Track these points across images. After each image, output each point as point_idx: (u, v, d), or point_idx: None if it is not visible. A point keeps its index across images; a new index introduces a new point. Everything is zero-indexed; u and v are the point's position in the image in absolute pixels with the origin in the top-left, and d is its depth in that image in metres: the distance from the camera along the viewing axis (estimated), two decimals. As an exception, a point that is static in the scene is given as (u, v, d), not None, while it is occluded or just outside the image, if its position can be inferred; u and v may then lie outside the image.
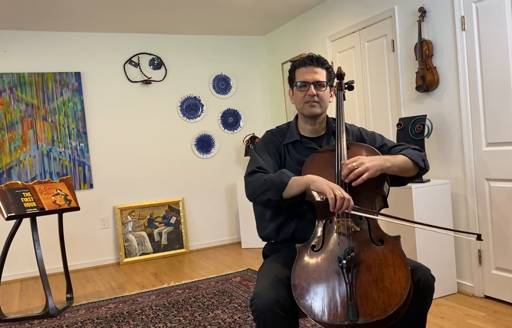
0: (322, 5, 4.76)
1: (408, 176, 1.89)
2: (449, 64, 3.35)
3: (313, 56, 1.95)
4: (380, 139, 2.01)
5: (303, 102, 1.92)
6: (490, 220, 3.17)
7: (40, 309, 3.70)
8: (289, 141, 1.98)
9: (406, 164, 1.84)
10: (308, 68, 1.92)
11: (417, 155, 1.88)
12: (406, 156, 1.85)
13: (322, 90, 1.92)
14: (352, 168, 1.72)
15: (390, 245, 1.63)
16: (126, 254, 5.19)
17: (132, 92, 5.33)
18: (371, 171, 1.72)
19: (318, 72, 1.92)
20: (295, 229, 1.89)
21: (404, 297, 1.50)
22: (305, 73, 1.92)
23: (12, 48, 4.81)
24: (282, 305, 1.58)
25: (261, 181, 1.82)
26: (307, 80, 1.91)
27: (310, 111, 1.92)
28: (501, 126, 3.04)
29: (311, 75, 1.91)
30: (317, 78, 1.91)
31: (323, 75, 1.93)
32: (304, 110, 1.94)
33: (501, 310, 3.00)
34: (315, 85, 1.90)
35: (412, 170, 1.87)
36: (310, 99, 1.90)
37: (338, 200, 1.63)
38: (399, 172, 1.83)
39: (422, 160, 1.88)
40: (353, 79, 4.34)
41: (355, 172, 1.71)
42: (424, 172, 1.92)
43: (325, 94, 1.93)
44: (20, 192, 3.55)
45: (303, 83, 1.91)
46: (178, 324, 3.17)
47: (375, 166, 1.74)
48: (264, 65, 5.99)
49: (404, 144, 1.98)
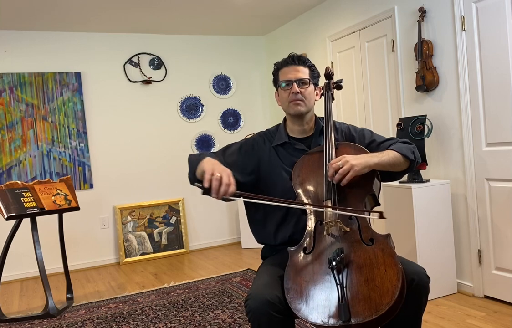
0: (322, 5, 4.76)
1: (399, 170, 1.88)
2: (449, 64, 3.35)
3: (295, 56, 1.95)
4: (369, 135, 2.00)
5: (287, 101, 1.93)
6: (490, 220, 3.17)
7: (40, 309, 3.70)
8: (278, 143, 1.99)
9: (395, 159, 1.83)
10: (290, 68, 1.93)
11: (406, 148, 1.87)
12: (395, 151, 1.84)
13: (305, 87, 1.92)
14: (337, 167, 1.72)
15: (380, 244, 1.63)
16: (126, 254, 5.19)
17: (132, 92, 5.33)
18: (357, 169, 1.71)
19: (300, 70, 1.93)
20: (292, 232, 1.88)
21: (395, 295, 1.49)
22: (288, 73, 1.93)
23: (12, 48, 4.81)
24: (277, 307, 1.58)
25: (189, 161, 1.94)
26: (290, 79, 1.92)
27: (295, 110, 1.92)
28: (501, 126, 3.04)
29: (293, 73, 1.92)
30: (300, 76, 1.92)
31: (306, 73, 1.94)
32: (289, 109, 1.94)
33: (501, 310, 3.00)
34: (298, 83, 1.91)
35: (402, 163, 1.86)
36: (294, 97, 1.91)
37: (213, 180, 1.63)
38: (388, 167, 1.82)
39: (411, 152, 1.87)
40: (351, 79, 4.37)
41: (340, 172, 1.71)
42: (415, 165, 1.91)
43: (309, 92, 1.94)
44: (20, 192, 3.55)
45: (286, 82, 1.93)
46: (178, 324, 3.17)
47: (360, 164, 1.73)
48: (264, 65, 5.99)
49: (394, 138, 1.97)
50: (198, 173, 1.83)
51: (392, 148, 1.86)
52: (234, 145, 2.04)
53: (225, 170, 1.68)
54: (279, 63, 1.98)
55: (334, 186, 1.74)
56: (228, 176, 1.65)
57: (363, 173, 1.74)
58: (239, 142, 2.07)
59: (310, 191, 1.81)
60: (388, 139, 1.96)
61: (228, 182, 1.64)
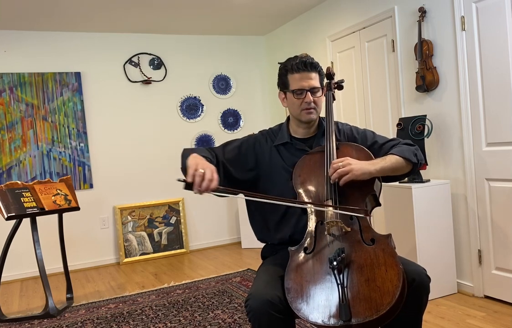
0: (322, 5, 4.76)
1: (402, 174, 1.88)
2: (449, 64, 3.35)
3: (307, 61, 1.90)
4: (372, 136, 1.99)
5: (300, 109, 1.91)
6: (490, 220, 3.17)
7: (40, 309, 3.70)
8: (280, 143, 1.99)
9: (397, 164, 1.82)
10: (303, 74, 1.89)
11: (408, 151, 1.85)
12: (397, 155, 1.83)
13: (318, 95, 1.91)
14: (337, 167, 1.73)
15: (381, 244, 1.63)
16: (126, 254, 5.19)
17: (132, 92, 5.33)
18: (356, 173, 1.71)
19: (313, 77, 1.90)
20: (292, 232, 1.88)
21: (396, 295, 1.49)
22: (300, 80, 1.89)
23: (12, 48, 4.81)
24: (277, 306, 1.58)
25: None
26: (303, 88, 1.89)
27: (308, 118, 1.92)
28: (501, 126, 3.04)
29: (307, 82, 1.89)
30: (313, 84, 1.90)
31: (317, 80, 1.92)
32: (301, 117, 1.93)
33: (501, 310, 3.00)
34: (312, 92, 1.89)
35: (404, 167, 1.85)
36: (308, 106, 1.89)
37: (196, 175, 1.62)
38: (390, 172, 1.82)
39: (414, 155, 1.86)
40: (351, 79, 4.37)
41: (338, 172, 1.72)
42: (418, 167, 1.90)
43: (321, 99, 1.94)
44: (20, 192, 3.55)
45: (299, 91, 1.89)
46: (178, 324, 3.17)
47: (361, 170, 1.73)
48: (264, 65, 5.99)
49: (396, 139, 1.96)
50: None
51: (394, 152, 1.84)
52: (235, 142, 2.03)
53: (209, 166, 1.67)
54: (290, 67, 1.92)
55: (335, 186, 1.75)
56: (211, 172, 1.65)
57: (361, 178, 1.74)
58: (241, 139, 2.06)
59: (311, 191, 1.81)
60: (390, 140, 1.96)
61: (210, 178, 1.63)
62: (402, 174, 1.90)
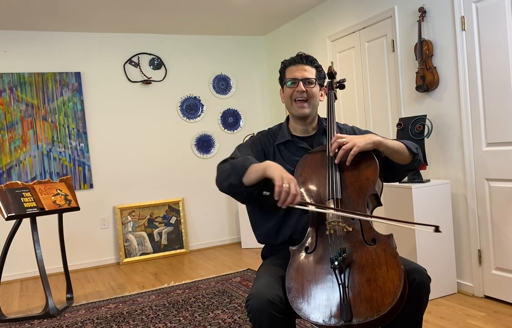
0: (322, 5, 4.76)
1: (402, 162, 1.89)
2: (449, 64, 3.35)
3: (303, 54, 1.97)
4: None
5: (291, 99, 1.94)
6: (490, 220, 3.17)
7: (40, 309, 3.70)
8: (281, 142, 2.00)
9: (399, 147, 1.85)
10: (298, 66, 1.95)
11: (411, 144, 1.91)
12: (400, 141, 1.88)
13: (311, 87, 1.93)
14: (341, 143, 1.75)
15: (382, 244, 1.63)
16: (126, 254, 5.18)
17: (132, 92, 5.33)
18: (360, 145, 1.74)
19: (307, 69, 1.94)
20: (293, 232, 1.88)
21: (397, 295, 1.49)
22: (295, 71, 1.95)
23: (12, 48, 4.81)
24: (278, 306, 1.58)
25: (226, 167, 1.83)
26: (296, 77, 1.93)
27: (299, 112, 1.94)
28: (501, 126, 3.04)
29: (300, 72, 1.94)
30: (306, 75, 1.93)
31: (312, 73, 1.95)
32: (293, 110, 1.96)
33: (501, 310, 3.00)
34: (304, 82, 1.92)
35: (405, 154, 1.87)
36: (299, 96, 1.92)
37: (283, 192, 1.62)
38: (391, 152, 1.84)
39: (415, 148, 1.90)
40: (351, 79, 4.37)
41: (343, 147, 1.74)
42: (418, 163, 1.93)
43: (314, 92, 1.95)
44: (20, 192, 3.55)
45: (292, 80, 1.94)
46: (178, 324, 3.17)
47: (364, 140, 1.76)
48: (264, 65, 5.99)
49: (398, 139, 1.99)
50: (250, 179, 1.74)
51: (397, 139, 1.91)
52: (245, 144, 2.05)
53: (292, 180, 1.67)
54: (287, 61, 1.99)
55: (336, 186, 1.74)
56: (295, 186, 1.65)
57: (366, 149, 1.76)
58: (248, 141, 2.08)
59: (312, 190, 1.81)
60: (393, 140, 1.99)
61: (295, 193, 1.64)
62: (402, 170, 1.92)
